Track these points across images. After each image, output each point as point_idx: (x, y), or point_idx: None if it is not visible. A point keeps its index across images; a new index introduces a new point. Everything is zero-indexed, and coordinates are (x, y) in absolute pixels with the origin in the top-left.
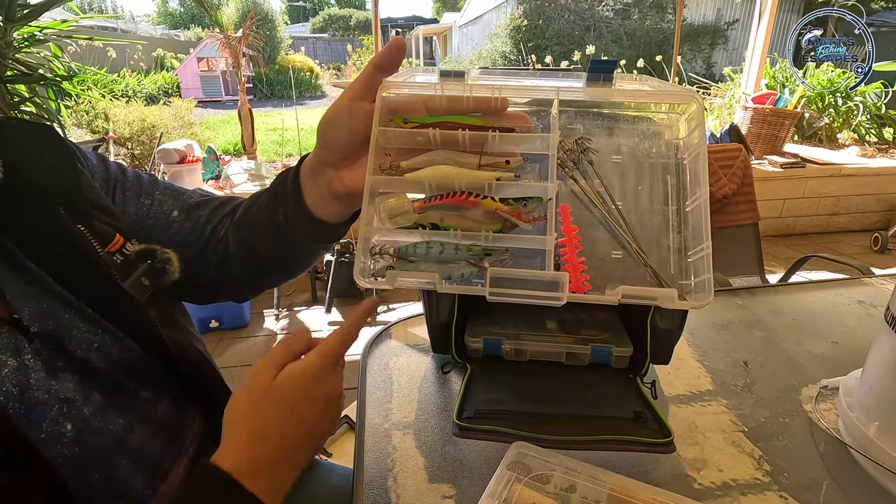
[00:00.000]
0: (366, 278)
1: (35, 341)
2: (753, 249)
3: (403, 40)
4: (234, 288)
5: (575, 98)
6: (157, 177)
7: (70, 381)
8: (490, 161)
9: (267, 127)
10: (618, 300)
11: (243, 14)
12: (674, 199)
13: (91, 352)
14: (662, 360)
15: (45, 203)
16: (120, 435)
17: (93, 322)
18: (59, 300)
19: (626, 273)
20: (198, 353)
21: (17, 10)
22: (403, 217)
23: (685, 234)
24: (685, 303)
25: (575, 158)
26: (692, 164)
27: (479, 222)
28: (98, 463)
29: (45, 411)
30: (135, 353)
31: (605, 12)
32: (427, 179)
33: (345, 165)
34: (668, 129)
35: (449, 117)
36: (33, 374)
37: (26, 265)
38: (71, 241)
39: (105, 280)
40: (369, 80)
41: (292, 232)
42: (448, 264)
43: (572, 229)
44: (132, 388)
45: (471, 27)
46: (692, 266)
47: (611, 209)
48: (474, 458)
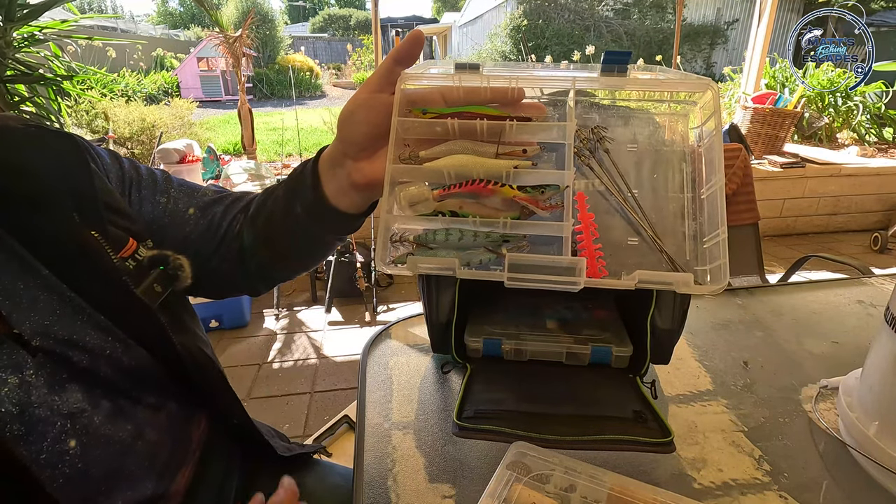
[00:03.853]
0: (387, 264)
1: (38, 355)
2: (753, 249)
3: (422, 34)
4: (248, 282)
5: (591, 87)
6: (169, 173)
7: (77, 392)
8: (508, 150)
9: (267, 127)
10: (634, 285)
11: (243, 14)
12: (689, 187)
13: (100, 359)
14: (662, 359)
15: (59, 209)
16: (129, 441)
17: (104, 329)
18: (71, 306)
19: (642, 259)
20: (206, 357)
21: (17, 10)
22: (423, 205)
23: (700, 221)
24: (701, 287)
25: (591, 147)
26: (707, 152)
27: (497, 210)
28: (105, 473)
29: (47, 430)
30: (144, 360)
31: (605, 12)
32: (446, 168)
33: (364, 157)
34: (683, 118)
35: (466, 108)
36: (35, 391)
37: (40, 271)
38: (84, 247)
39: (118, 287)
40: (388, 73)
41: (310, 223)
42: (467, 251)
43: (589, 216)
44: (140, 393)
45: (471, 27)
46: (708, 252)
47: (626, 197)
48: (474, 458)
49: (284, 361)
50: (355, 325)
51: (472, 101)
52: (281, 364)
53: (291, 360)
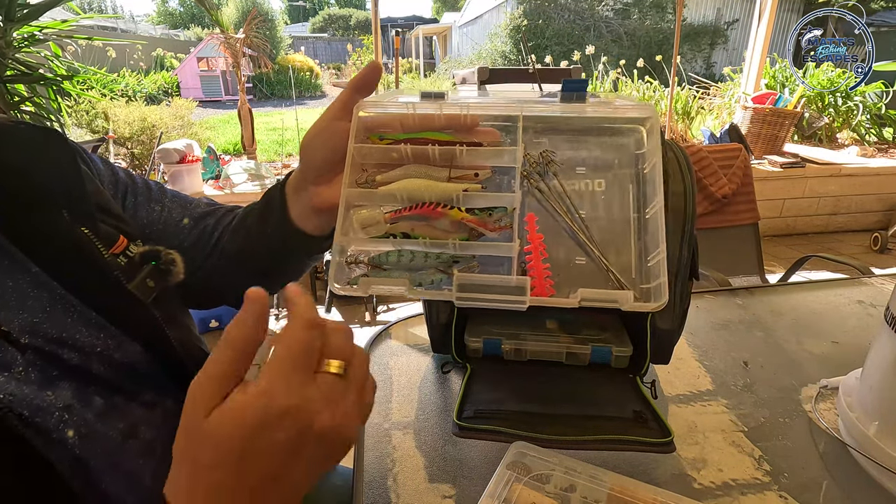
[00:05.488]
0: (341, 285)
1: (27, 353)
2: (753, 249)
3: (380, 64)
4: (234, 293)
5: (539, 115)
6: (162, 185)
7: (67, 390)
8: (460, 174)
9: (267, 127)
10: (577, 303)
11: (243, 14)
12: (635, 207)
13: (92, 356)
14: (662, 359)
15: (48, 206)
16: (123, 437)
17: (96, 326)
18: (61, 304)
19: (590, 278)
20: (201, 351)
21: (17, 10)
22: (375, 227)
23: (646, 240)
24: (640, 304)
25: (540, 170)
26: (650, 174)
27: (446, 232)
28: (104, 465)
29: (45, 418)
30: (137, 356)
31: (605, 12)
32: (399, 192)
33: (324, 181)
34: (631, 141)
35: (421, 134)
36: (26, 387)
37: (30, 268)
38: (75, 244)
39: (110, 283)
40: (347, 101)
41: (280, 244)
42: (419, 271)
43: (538, 237)
44: (133, 390)
45: (471, 27)
46: (651, 270)
47: (574, 218)
48: (474, 458)
49: None
50: (355, 324)
51: (428, 127)
52: None
53: None
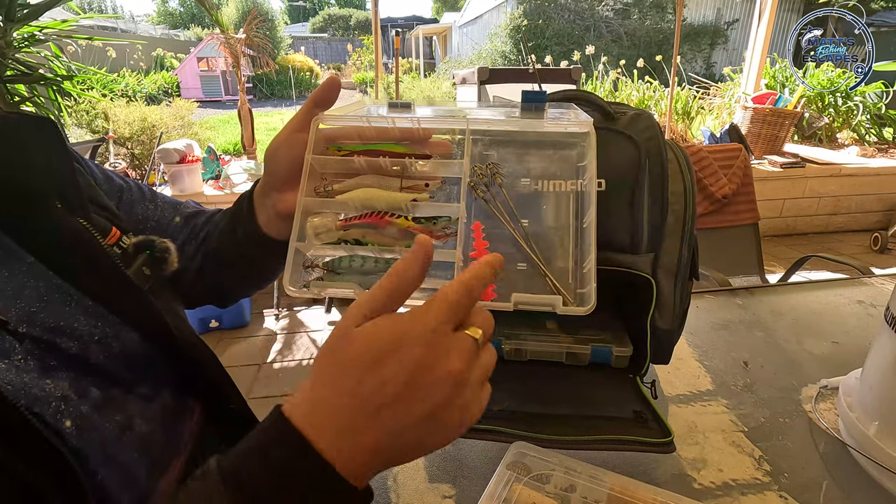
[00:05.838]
0: (296, 288)
1: (25, 342)
2: (753, 249)
3: (338, 79)
4: (215, 293)
5: (486, 128)
6: (153, 189)
7: (65, 381)
8: (411, 184)
9: (267, 127)
10: (512, 306)
11: (243, 14)
12: (574, 216)
13: (90, 345)
14: (662, 359)
15: (41, 197)
16: (119, 430)
17: (94, 315)
18: (58, 293)
19: (530, 283)
20: (198, 339)
21: (17, 10)
22: (327, 234)
23: (582, 248)
24: (570, 308)
25: (488, 181)
26: (587, 187)
27: (394, 239)
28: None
29: (43, 408)
30: (136, 345)
31: (605, 12)
32: (352, 200)
33: (287, 189)
34: (574, 154)
35: (377, 145)
36: (26, 375)
37: (25, 259)
38: (71, 232)
39: (108, 269)
40: (308, 114)
41: (250, 247)
42: (370, 276)
43: (483, 244)
44: (131, 381)
45: (471, 27)
46: (585, 276)
47: (516, 226)
48: (474, 458)
49: (285, 361)
50: None
51: (385, 138)
52: (281, 364)
53: (292, 360)
